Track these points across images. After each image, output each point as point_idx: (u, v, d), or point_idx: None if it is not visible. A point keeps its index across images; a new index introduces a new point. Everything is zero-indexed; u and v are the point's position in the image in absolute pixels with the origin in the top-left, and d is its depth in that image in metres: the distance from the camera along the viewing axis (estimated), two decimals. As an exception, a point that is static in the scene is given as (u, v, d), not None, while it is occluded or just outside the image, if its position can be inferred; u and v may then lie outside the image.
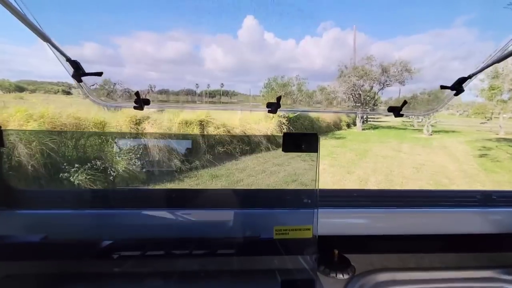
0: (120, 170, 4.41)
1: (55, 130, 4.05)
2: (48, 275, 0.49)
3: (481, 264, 0.58)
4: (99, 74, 0.79)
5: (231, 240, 0.47)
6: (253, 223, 0.49)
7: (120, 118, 5.61)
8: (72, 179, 3.71)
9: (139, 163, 5.04)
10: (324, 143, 8.82)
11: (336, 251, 0.57)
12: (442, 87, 0.86)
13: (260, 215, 0.49)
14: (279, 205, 0.51)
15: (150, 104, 0.89)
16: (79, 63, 0.78)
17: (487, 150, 8.10)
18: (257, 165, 6.63)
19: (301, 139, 0.45)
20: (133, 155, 5.00)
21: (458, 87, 0.85)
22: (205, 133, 6.77)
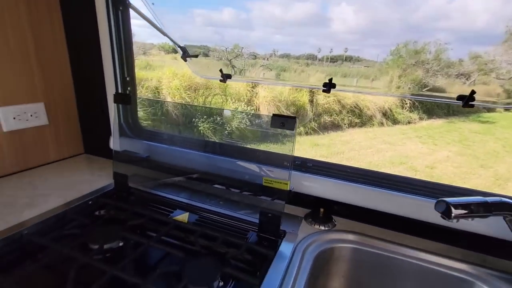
0: (233, 127, 5.21)
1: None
2: (152, 178, 0.87)
3: (461, 257, 0.60)
4: (196, 56, 1.11)
5: (237, 179, 0.73)
6: (248, 171, 0.72)
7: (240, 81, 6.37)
8: (199, 126, 4.72)
9: (248, 123, 5.73)
10: (460, 125, 7.19)
11: (322, 209, 0.71)
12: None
13: (252, 165, 0.71)
14: (268, 163, 0.70)
15: (232, 78, 1.17)
16: (185, 48, 1.12)
17: None
18: (363, 140, 6.26)
19: (283, 120, 0.61)
20: (244, 115, 5.75)
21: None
22: (314, 100, 6.76)
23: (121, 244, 0.61)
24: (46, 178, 0.85)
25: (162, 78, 5.06)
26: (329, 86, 0.89)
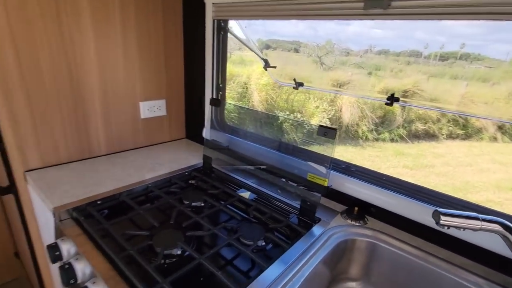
0: (313, 126, 5.30)
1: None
2: (229, 163, 1.15)
3: (479, 273, 0.64)
4: (274, 67, 1.34)
5: (287, 171, 0.91)
6: (298, 166, 0.89)
7: (325, 80, 6.34)
8: (278, 120, 4.98)
9: (328, 122, 5.68)
10: None
11: (356, 208, 0.84)
12: None
13: (301, 163, 0.88)
14: (315, 162, 0.85)
15: (303, 86, 1.35)
16: (267, 60, 1.35)
17: None
18: (464, 155, 5.43)
19: (326, 130, 0.76)
20: (325, 114, 5.74)
21: None
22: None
23: (202, 204, 0.89)
24: (161, 153, 1.23)
25: (252, 75, 5.52)
26: (391, 99, 0.98)
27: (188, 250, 0.67)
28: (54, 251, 0.68)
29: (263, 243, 0.74)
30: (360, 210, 0.84)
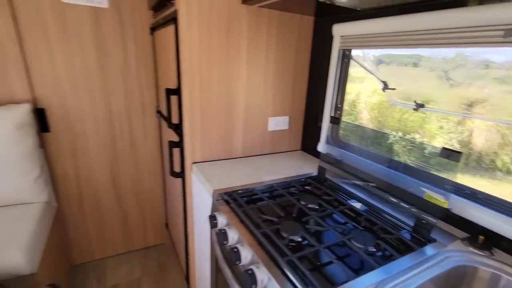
0: (437, 146, 4.65)
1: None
2: (340, 175, 1.26)
3: None
4: (393, 89, 1.37)
5: (401, 189, 0.94)
6: (412, 185, 0.91)
7: (451, 98, 5.47)
8: (388, 140, 4.62)
9: (456, 145, 4.86)
10: None
11: (481, 237, 0.79)
12: None
13: (415, 182, 0.89)
14: (432, 183, 0.86)
15: (424, 107, 1.35)
16: (386, 82, 1.41)
17: None
18: None
19: (450, 153, 0.77)
20: (453, 135, 4.92)
21: None
22: None
23: (317, 206, 1.04)
24: (281, 160, 1.46)
25: (361, 93, 5.35)
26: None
27: (308, 238, 0.83)
28: (213, 219, 0.96)
29: (373, 249, 0.82)
30: (486, 240, 0.80)
